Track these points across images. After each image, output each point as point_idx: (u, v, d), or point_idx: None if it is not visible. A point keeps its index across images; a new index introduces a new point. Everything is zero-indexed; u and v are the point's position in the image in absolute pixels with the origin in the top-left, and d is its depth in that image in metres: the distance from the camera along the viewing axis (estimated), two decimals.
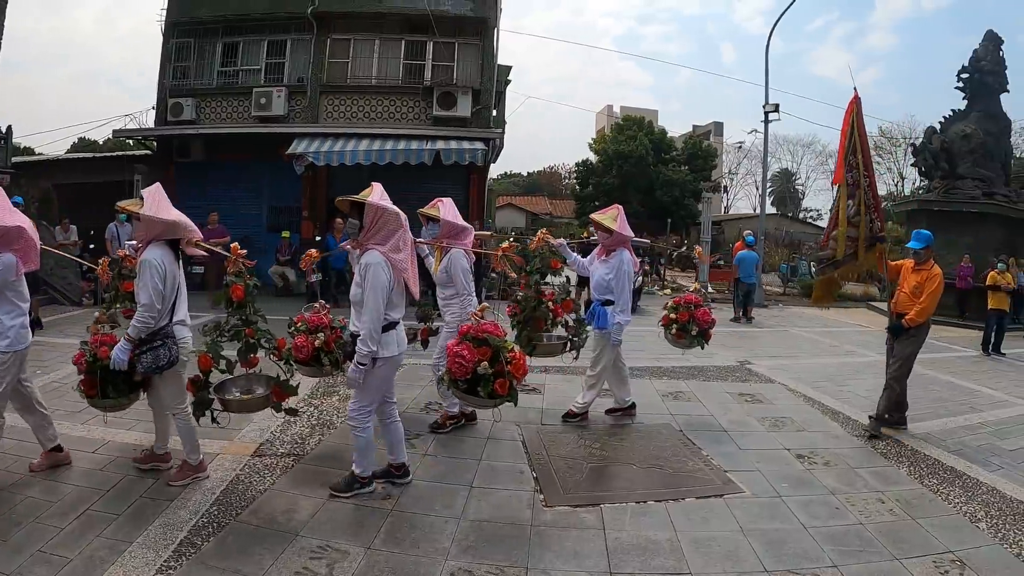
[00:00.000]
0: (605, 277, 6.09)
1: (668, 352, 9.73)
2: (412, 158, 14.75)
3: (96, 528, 3.81)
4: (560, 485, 4.72)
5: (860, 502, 4.64)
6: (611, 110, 72.22)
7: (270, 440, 5.38)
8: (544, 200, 63.48)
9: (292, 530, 3.88)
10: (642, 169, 38.40)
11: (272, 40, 17.92)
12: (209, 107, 17.80)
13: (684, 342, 6.61)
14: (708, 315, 6.55)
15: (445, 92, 16.56)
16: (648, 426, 6.24)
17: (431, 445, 5.46)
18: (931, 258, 6.64)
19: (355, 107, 17.32)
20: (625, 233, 6.04)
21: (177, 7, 17.97)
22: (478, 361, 4.21)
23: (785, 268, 24.88)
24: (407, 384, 7.21)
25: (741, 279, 14.29)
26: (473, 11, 17.22)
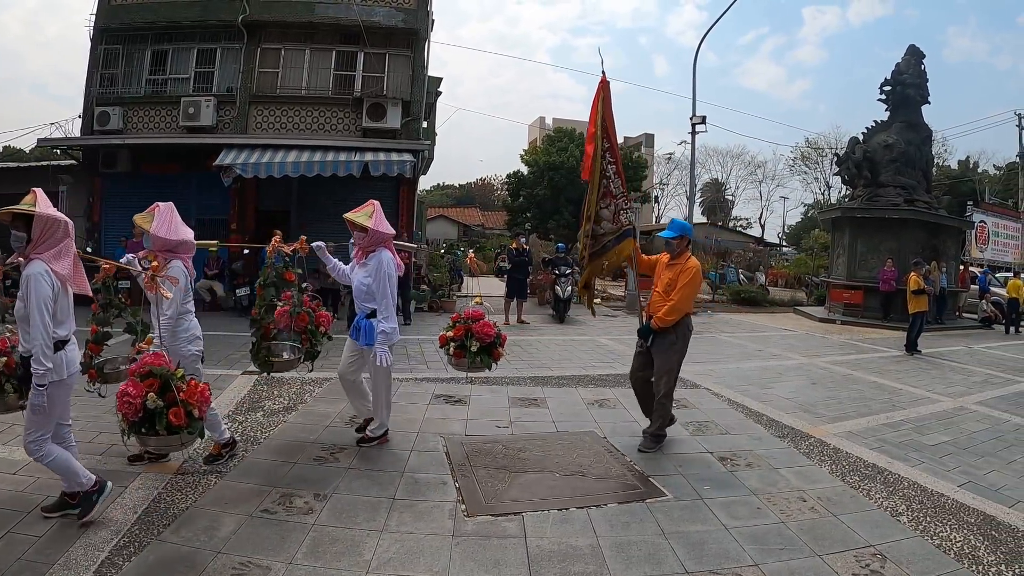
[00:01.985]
0: (364, 282, 5.59)
1: (596, 360, 10.04)
2: (340, 169, 14.81)
3: (16, 550, 3.76)
4: (482, 495, 4.81)
5: (782, 501, 4.83)
6: (543, 122, 72.89)
7: (192, 457, 5.38)
8: (476, 212, 63.68)
9: (214, 547, 3.90)
10: (573, 180, 38.76)
11: (202, 48, 17.78)
12: (137, 116, 17.49)
13: (465, 361, 5.90)
14: (490, 329, 5.92)
15: (375, 103, 16.66)
16: (572, 434, 6.37)
17: (354, 459, 5.53)
18: (687, 250, 6.17)
19: (284, 118, 17.27)
20: (383, 231, 5.60)
21: (106, 13, 17.65)
22: (145, 394, 3.87)
23: (714, 276, 25.53)
24: (333, 399, 7.30)
25: None
26: (404, 22, 17.37)
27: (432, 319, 14.86)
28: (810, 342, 13.55)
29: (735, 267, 28.47)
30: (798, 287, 27.94)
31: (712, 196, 70.63)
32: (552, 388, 8.24)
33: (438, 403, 7.39)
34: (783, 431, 6.75)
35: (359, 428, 6.10)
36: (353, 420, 6.54)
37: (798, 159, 61.94)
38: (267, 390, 7.72)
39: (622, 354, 10.73)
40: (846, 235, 19.45)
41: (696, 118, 21.14)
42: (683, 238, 6.13)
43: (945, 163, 51.36)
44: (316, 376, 8.27)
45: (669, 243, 6.18)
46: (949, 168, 51.95)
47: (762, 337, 13.95)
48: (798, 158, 61.77)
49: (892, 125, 19.83)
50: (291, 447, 5.75)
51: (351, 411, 6.83)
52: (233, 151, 15.25)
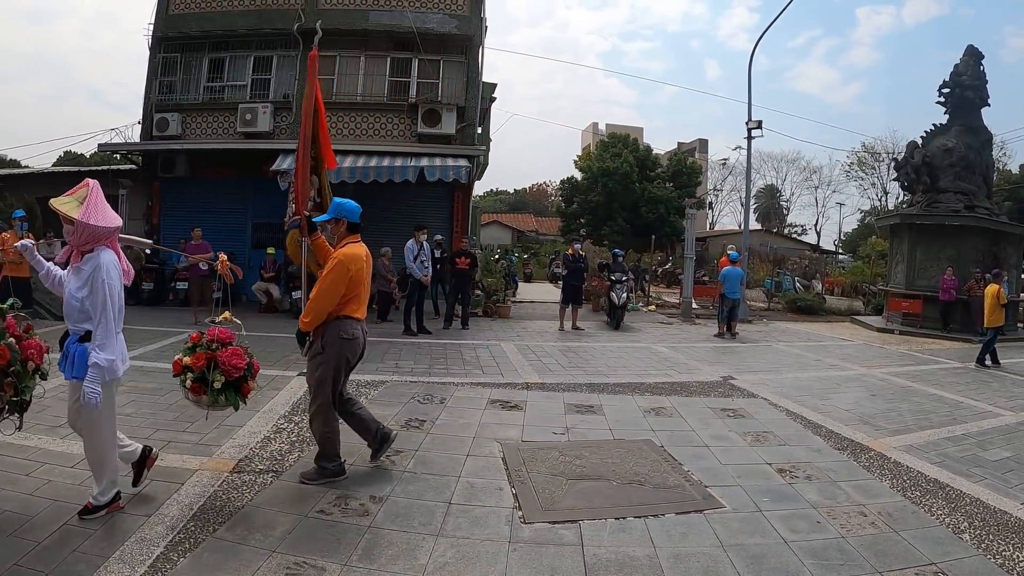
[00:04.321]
0: (76, 294, 4.03)
1: (651, 368, 9.87)
2: (396, 175, 14.90)
3: (72, 543, 3.78)
4: (539, 502, 4.70)
5: (842, 515, 4.64)
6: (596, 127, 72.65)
7: (249, 457, 5.37)
8: (530, 217, 63.85)
9: (269, 547, 3.86)
10: (627, 186, 38.49)
11: (258, 56, 18.16)
12: (195, 122, 17.92)
13: (205, 399, 4.51)
14: (240, 359, 4.55)
15: (430, 109, 16.71)
16: (629, 442, 6.20)
17: (410, 462, 5.44)
18: (347, 236, 5.14)
19: (340, 124, 17.42)
20: (98, 223, 3.96)
21: (164, 22, 18.14)
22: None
23: (769, 283, 25.10)
24: (389, 401, 7.28)
25: (726, 295, 14.38)
26: (458, 29, 17.45)
27: (486, 324, 14.80)
28: (868, 352, 13.15)
29: (791, 275, 27.92)
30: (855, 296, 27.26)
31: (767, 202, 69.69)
32: (608, 395, 8.09)
33: (494, 408, 7.28)
34: (842, 443, 6.52)
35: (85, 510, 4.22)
36: (409, 424, 6.45)
37: (854, 164, 60.47)
38: None
39: (678, 362, 10.57)
40: (905, 242, 18.87)
41: (752, 123, 20.70)
42: (339, 221, 5.11)
43: (1005, 167, 49.69)
44: (372, 379, 8.33)
45: (324, 228, 5.35)
46: (1010, 173, 50.18)
47: (819, 347, 13.58)
48: (854, 163, 60.34)
49: (951, 129, 19.21)
50: (347, 449, 5.58)
51: (407, 414, 6.81)
52: (290, 156, 15.36)
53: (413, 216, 16.29)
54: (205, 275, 13.26)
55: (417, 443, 5.93)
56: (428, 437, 6.13)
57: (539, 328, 14.44)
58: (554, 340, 12.71)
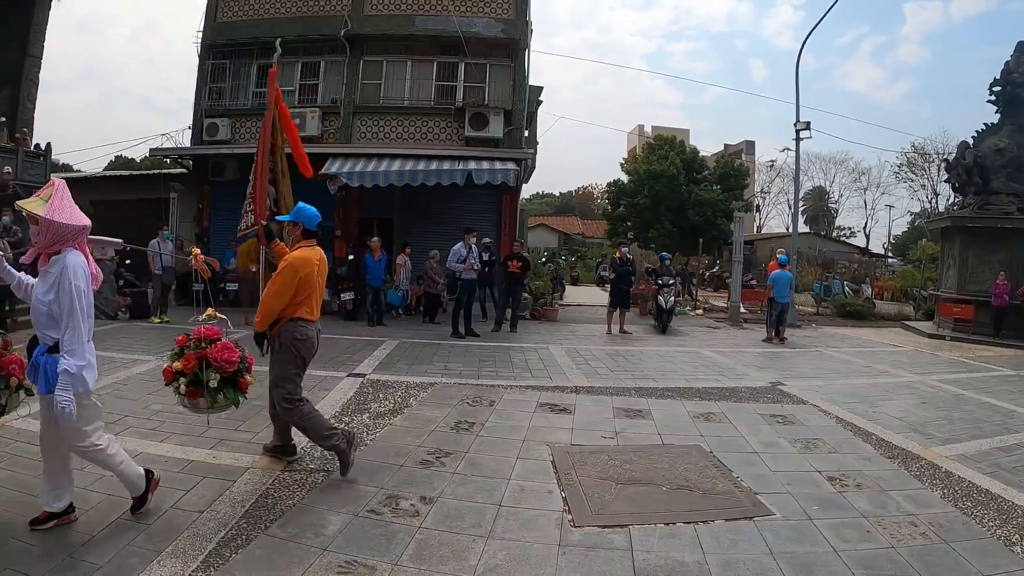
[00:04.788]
0: (43, 299, 3.74)
1: (699, 373, 9.73)
2: (444, 179, 14.94)
3: (126, 537, 3.84)
4: (589, 505, 4.64)
5: (892, 525, 4.51)
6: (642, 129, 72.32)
7: (300, 456, 5.39)
8: (577, 220, 63.67)
9: (320, 545, 3.86)
10: (674, 189, 38.16)
11: (306, 62, 18.35)
12: (244, 127, 18.19)
13: (203, 401, 4.44)
14: (232, 353, 4.50)
15: (477, 113, 16.74)
16: (678, 447, 6.11)
17: (460, 463, 5.41)
18: (302, 239, 5.12)
19: (388, 128, 17.58)
20: (63, 221, 3.70)
21: (212, 30, 18.54)
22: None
23: (818, 287, 24.59)
24: (438, 403, 7.28)
25: (775, 299, 14.11)
26: (504, 32, 17.45)
27: (534, 327, 14.73)
28: (919, 359, 12.80)
29: (840, 279, 27.34)
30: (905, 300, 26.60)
31: (815, 204, 68.51)
32: (656, 400, 7.97)
33: (543, 411, 7.22)
34: (893, 452, 6.33)
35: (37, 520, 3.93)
36: (459, 426, 6.40)
37: (904, 165, 58.97)
38: (372, 393, 7.72)
39: (726, 367, 10.40)
40: (956, 246, 18.29)
41: (800, 124, 20.27)
42: (296, 224, 5.14)
43: None
44: (421, 380, 8.36)
45: (283, 228, 5.42)
46: None
47: (869, 353, 13.23)
48: (904, 164, 58.84)
49: (1003, 128, 18.51)
50: (397, 450, 5.67)
51: (457, 416, 6.78)
52: (339, 160, 15.60)
53: (461, 220, 16.31)
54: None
55: (467, 445, 5.89)
56: (477, 439, 6.09)
57: (587, 331, 14.34)
58: (602, 344, 12.60)
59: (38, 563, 3.52)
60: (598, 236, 55.11)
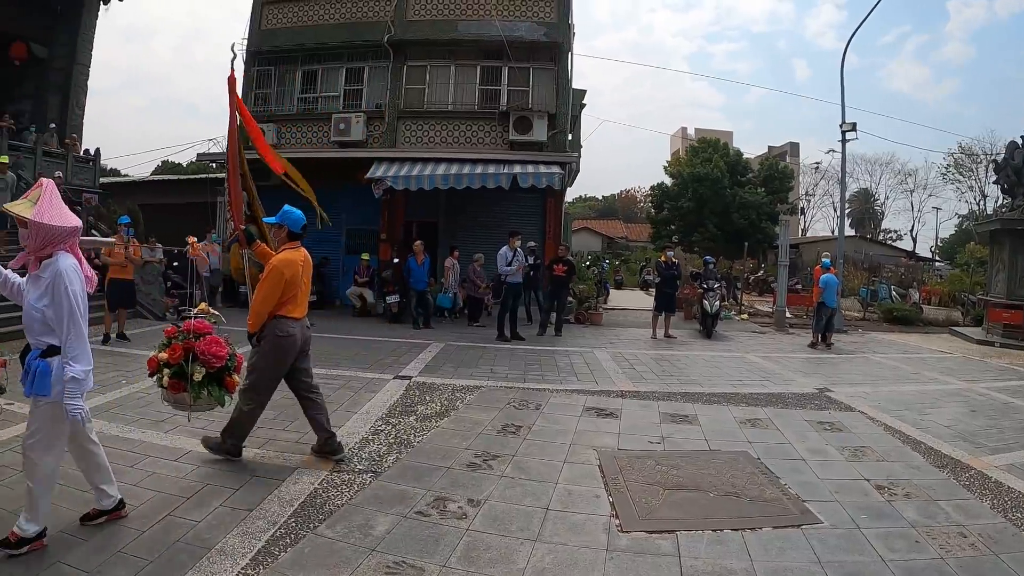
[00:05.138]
0: (36, 305, 3.59)
1: (745, 378, 9.58)
2: (489, 182, 14.98)
3: (175, 533, 3.89)
4: (636, 510, 4.58)
5: (941, 536, 4.37)
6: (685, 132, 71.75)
7: (347, 456, 5.39)
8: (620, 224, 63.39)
9: (368, 545, 3.86)
10: (718, 192, 37.80)
11: (350, 68, 18.55)
12: (290, 132, 18.46)
13: (185, 396, 4.34)
14: (221, 348, 4.45)
15: (521, 117, 16.70)
16: (725, 453, 6.01)
17: (508, 466, 5.37)
18: (287, 241, 5.29)
19: (432, 132, 17.63)
20: (53, 223, 3.53)
21: (257, 38, 18.85)
22: None
23: (865, 292, 24.04)
24: (485, 406, 7.26)
25: (826, 303, 13.79)
26: (547, 36, 17.41)
27: (579, 331, 14.65)
28: (968, 366, 12.42)
29: (887, 283, 26.73)
30: (953, 305, 25.89)
31: (860, 207, 67.00)
32: (703, 405, 7.87)
33: (589, 416, 7.15)
34: (942, 461, 6.13)
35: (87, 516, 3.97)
36: (506, 429, 6.35)
37: (951, 166, 57.41)
38: (419, 395, 7.74)
39: (772, 372, 10.23)
40: (1005, 249, 17.69)
41: (846, 125, 19.78)
42: (281, 227, 5.28)
43: None
44: (467, 383, 8.35)
45: (272, 232, 5.55)
46: None
47: (917, 359, 12.89)
48: (951, 165, 57.33)
49: None
50: (444, 452, 5.65)
51: (503, 419, 6.74)
52: (384, 164, 15.70)
53: (506, 223, 16.34)
54: None
55: (514, 448, 5.85)
56: (524, 443, 6.04)
57: (631, 336, 14.22)
58: (647, 348, 12.48)
59: (89, 558, 3.55)
60: (641, 240, 54.87)
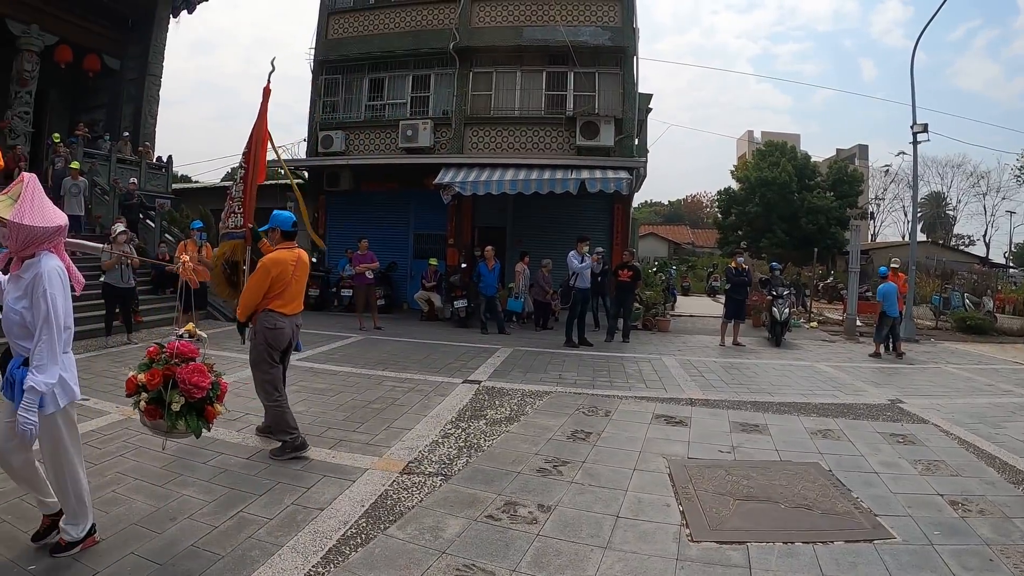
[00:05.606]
0: (15, 307, 3.36)
1: (816, 388, 9.32)
2: (557, 187, 14.92)
3: (248, 529, 3.95)
4: (706, 520, 4.48)
5: (1016, 555, 4.16)
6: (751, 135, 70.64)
7: (418, 459, 5.41)
8: (686, 229, 62.77)
9: (438, 548, 3.84)
10: (785, 196, 37.08)
11: (417, 75, 18.73)
12: (358, 139, 18.75)
13: (162, 424, 3.98)
14: (203, 377, 4.03)
15: (587, 122, 16.62)
16: (796, 464, 5.83)
17: (578, 473, 5.29)
18: (281, 241, 5.65)
19: (499, 138, 17.68)
20: (34, 223, 3.29)
21: (324, 47, 19.25)
22: None
23: (937, 300, 23.13)
24: (554, 412, 7.20)
25: (887, 313, 13.34)
26: (611, 40, 17.28)
27: (647, 337, 14.45)
28: None
29: (959, 291, 25.70)
30: None
31: (931, 211, 64.62)
32: (773, 415, 7.68)
33: (659, 423, 7.03)
34: (1018, 477, 5.82)
35: (38, 534, 3.70)
36: (575, 435, 6.25)
37: None
38: (488, 400, 7.71)
39: (843, 382, 9.91)
40: None
41: (917, 126, 19.00)
42: (274, 230, 5.69)
43: None
44: (537, 389, 8.30)
45: (268, 236, 5.89)
46: None
47: (991, 370, 12.32)
48: None
49: None
50: (514, 457, 5.61)
51: (573, 425, 6.66)
52: (452, 170, 15.77)
53: (573, 229, 16.20)
54: (370, 283, 13.96)
55: (584, 455, 5.77)
56: (594, 450, 5.95)
57: (699, 343, 13.98)
58: (716, 355, 12.23)
59: (162, 552, 3.63)
60: (708, 245, 54.17)
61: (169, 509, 4.18)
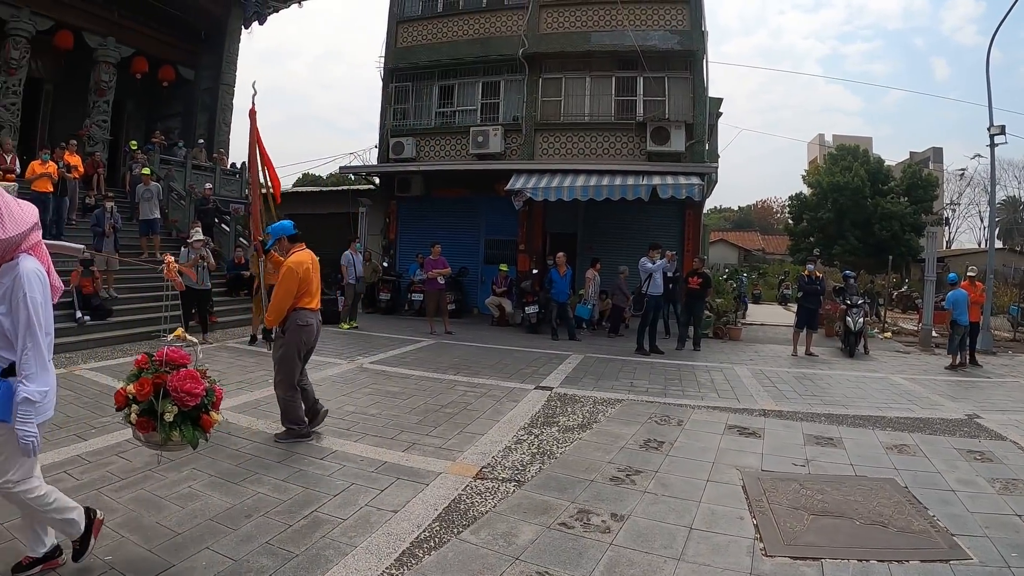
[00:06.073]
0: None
1: (891, 401, 9.01)
2: (629, 193, 14.82)
3: (322, 529, 4.00)
4: (781, 535, 4.37)
5: None
6: (822, 139, 68.67)
7: (491, 464, 5.40)
8: (756, 236, 61.49)
9: (512, 554, 3.82)
10: (858, 202, 36.02)
11: (486, 81, 18.86)
12: (428, 145, 18.97)
13: (156, 436, 3.68)
14: (197, 384, 3.72)
15: (658, 127, 16.46)
16: (871, 480, 5.63)
17: (651, 483, 5.20)
18: (292, 246, 6.10)
19: (569, 144, 17.65)
20: (14, 233, 2.97)
21: (394, 55, 19.60)
22: None
23: (1015, 310, 22.06)
24: (627, 420, 7.12)
25: (958, 322, 12.81)
26: (680, 44, 17.08)
27: (717, 346, 14.20)
28: None
29: None
30: None
31: (1008, 216, 61.73)
32: (847, 428, 7.44)
33: (732, 434, 6.88)
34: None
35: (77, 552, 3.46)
36: (648, 444, 6.18)
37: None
38: (560, 407, 7.67)
39: (919, 396, 9.52)
40: None
41: (994, 128, 18.09)
42: (280, 240, 6.22)
43: None
44: (608, 396, 8.22)
45: (276, 247, 6.33)
46: None
47: None
48: None
49: None
50: (587, 464, 5.55)
51: (645, 434, 6.57)
52: (523, 176, 15.79)
53: (643, 235, 16.14)
54: (441, 288, 14.02)
55: (656, 464, 5.68)
56: (667, 459, 5.85)
57: (771, 352, 13.66)
58: (788, 366, 11.93)
59: (237, 547, 3.73)
60: (778, 252, 53.01)
61: (244, 506, 4.27)
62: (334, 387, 8.10)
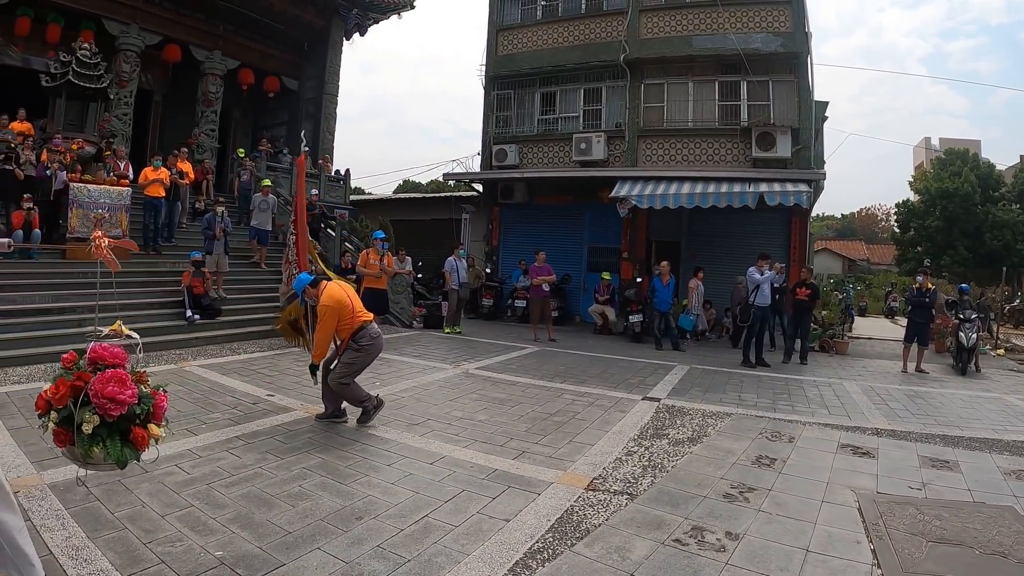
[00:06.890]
0: None
1: (1007, 423, 8.50)
2: (735, 201, 14.54)
3: (433, 535, 4.00)
4: (899, 561, 4.18)
5: None
6: (929, 143, 65.26)
7: (602, 476, 5.33)
8: (861, 245, 59.16)
9: (626, 569, 3.74)
10: (968, 209, 34.05)
11: (588, 88, 18.81)
12: (530, 152, 19.06)
13: (79, 452, 3.03)
14: (124, 389, 3.04)
15: (763, 132, 16.03)
16: (990, 507, 5.29)
17: (764, 501, 5.04)
18: (318, 291, 6.36)
19: (673, 150, 17.39)
20: None
21: (495, 63, 19.82)
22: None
23: None
24: (738, 435, 6.97)
25: None
26: (783, 47, 16.57)
27: (824, 360, 13.74)
28: None
29: None
30: None
31: None
32: (962, 450, 7.04)
33: (844, 453, 6.61)
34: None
35: None
36: (760, 461, 6.02)
37: None
38: (669, 419, 7.54)
39: None
40: None
41: None
42: (305, 290, 6.55)
43: None
44: (717, 410, 8.05)
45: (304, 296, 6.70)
46: None
47: None
48: None
49: None
50: (699, 479, 5.44)
51: (756, 450, 6.38)
52: (627, 183, 15.70)
53: (747, 244, 15.85)
54: (545, 295, 14.04)
55: (770, 482, 5.50)
56: (780, 477, 5.66)
57: (880, 367, 13.09)
58: (898, 382, 11.39)
59: (348, 549, 3.77)
60: (884, 262, 50.87)
61: (355, 508, 4.33)
62: (440, 392, 8.19)
